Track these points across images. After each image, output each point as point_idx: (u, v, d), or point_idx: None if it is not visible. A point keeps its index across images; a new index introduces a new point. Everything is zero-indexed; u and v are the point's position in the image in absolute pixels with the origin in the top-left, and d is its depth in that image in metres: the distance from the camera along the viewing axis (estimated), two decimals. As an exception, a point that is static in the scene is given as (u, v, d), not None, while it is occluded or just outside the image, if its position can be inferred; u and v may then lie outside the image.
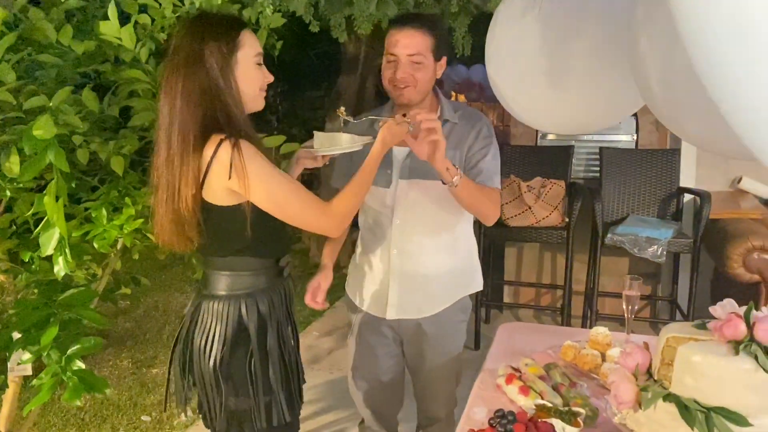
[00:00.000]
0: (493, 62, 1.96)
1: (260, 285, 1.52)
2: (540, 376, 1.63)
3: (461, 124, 1.87)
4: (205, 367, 1.49)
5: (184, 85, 1.39)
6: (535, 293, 4.39)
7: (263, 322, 1.50)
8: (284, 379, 1.53)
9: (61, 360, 1.71)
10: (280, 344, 1.53)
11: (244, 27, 1.47)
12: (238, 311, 1.49)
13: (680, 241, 3.41)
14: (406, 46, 1.75)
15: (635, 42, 1.30)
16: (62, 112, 1.53)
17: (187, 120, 1.38)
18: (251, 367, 1.48)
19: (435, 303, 1.94)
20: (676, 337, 1.28)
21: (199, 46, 1.40)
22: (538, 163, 4.01)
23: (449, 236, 1.94)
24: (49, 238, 1.55)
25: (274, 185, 1.41)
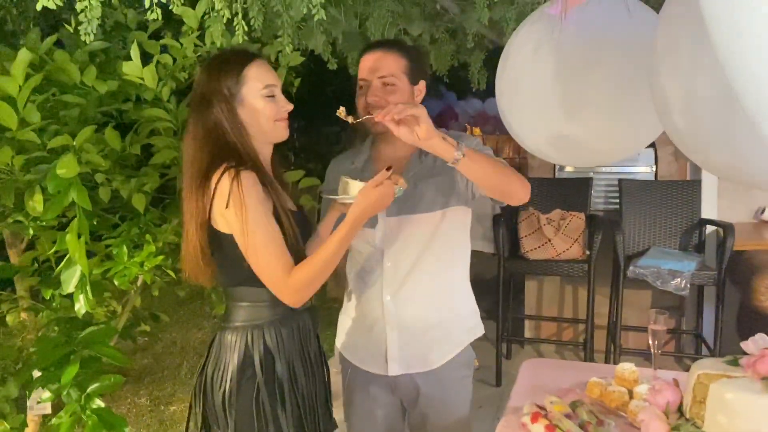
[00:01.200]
0: (504, 95, 1.93)
1: (267, 317, 1.48)
2: (566, 414, 1.58)
3: None
4: (216, 399, 1.47)
5: (194, 127, 1.44)
6: (557, 327, 4.33)
7: (270, 355, 1.46)
8: (296, 416, 1.47)
9: (80, 399, 1.70)
10: (291, 378, 1.47)
11: (250, 61, 1.46)
12: (245, 343, 1.46)
13: (704, 273, 3.35)
14: (376, 68, 1.65)
15: (656, 72, 1.30)
16: (85, 150, 1.55)
17: (195, 159, 1.43)
18: (260, 403, 1.44)
19: (442, 351, 1.78)
20: (708, 374, 1.24)
21: (205, 88, 1.45)
22: (557, 195, 3.99)
23: (447, 276, 1.78)
24: (70, 275, 1.56)
25: (253, 228, 1.37)
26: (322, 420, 1.55)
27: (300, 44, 2.20)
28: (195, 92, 1.47)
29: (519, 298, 4.29)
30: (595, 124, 1.66)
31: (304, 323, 1.55)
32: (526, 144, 1.93)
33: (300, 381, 1.50)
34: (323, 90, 6.83)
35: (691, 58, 1.19)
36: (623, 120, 1.65)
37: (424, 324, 1.75)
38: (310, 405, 1.53)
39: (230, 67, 1.44)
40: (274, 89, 1.48)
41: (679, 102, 1.24)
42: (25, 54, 1.51)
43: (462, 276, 1.85)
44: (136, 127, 1.81)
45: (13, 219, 1.81)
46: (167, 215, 1.95)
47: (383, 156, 1.78)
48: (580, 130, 1.68)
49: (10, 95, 1.52)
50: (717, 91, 1.16)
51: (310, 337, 1.57)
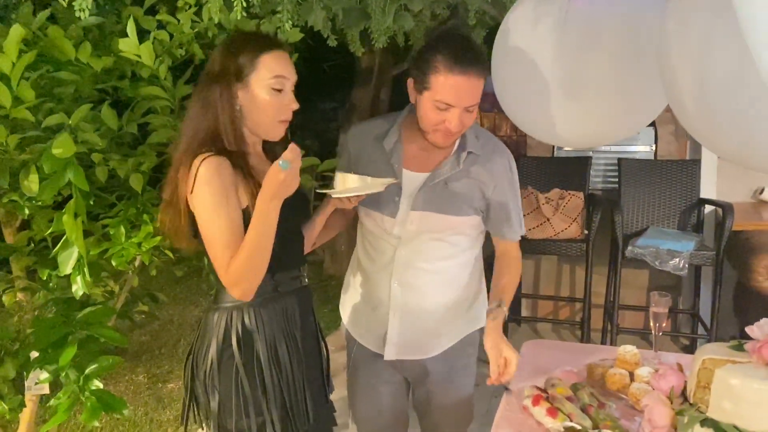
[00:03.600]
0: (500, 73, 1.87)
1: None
2: (567, 397, 1.58)
3: (483, 156, 1.68)
4: (199, 377, 1.47)
5: (194, 99, 1.43)
6: (554, 306, 4.34)
7: (249, 335, 1.44)
8: (279, 397, 1.45)
9: (78, 379, 1.69)
10: (271, 358, 1.45)
11: (270, 49, 1.42)
12: (225, 322, 1.45)
13: (702, 253, 3.35)
14: (467, 98, 1.51)
15: (666, 53, 1.27)
16: (81, 129, 1.52)
17: (186, 133, 1.41)
18: (239, 384, 1.43)
19: (440, 342, 1.78)
20: (713, 359, 1.23)
21: (216, 64, 1.41)
22: (556, 174, 3.97)
23: (457, 270, 1.77)
24: (67, 257, 1.54)
25: (207, 219, 1.34)
26: (312, 404, 1.53)
27: (299, 20, 2.15)
28: (207, 67, 1.44)
29: (516, 277, 4.29)
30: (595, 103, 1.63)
31: (289, 306, 1.51)
32: (522, 123, 1.89)
33: (284, 364, 1.47)
34: (321, 66, 6.76)
35: (704, 39, 1.16)
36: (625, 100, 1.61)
37: (427, 315, 1.73)
38: (297, 388, 1.50)
39: (247, 49, 1.40)
40: (284, 82, 1.43)
41: (689, 84, 1.22)
42: (18, 30, 1.47)
43: (474, 272, 1.83)
44: (132, 105, 1.77)
45: (8, 199, 1.78)
46: (165, 195, 1.92)
47: (417, 143, 1.68)
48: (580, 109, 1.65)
49: (3, 72, 1.48)
50: (730, 73, 1.13)
51: (296, 320, 1.53)
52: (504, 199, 1.72)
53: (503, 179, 1.72)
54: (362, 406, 1.88)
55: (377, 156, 1.70)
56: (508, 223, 1.75)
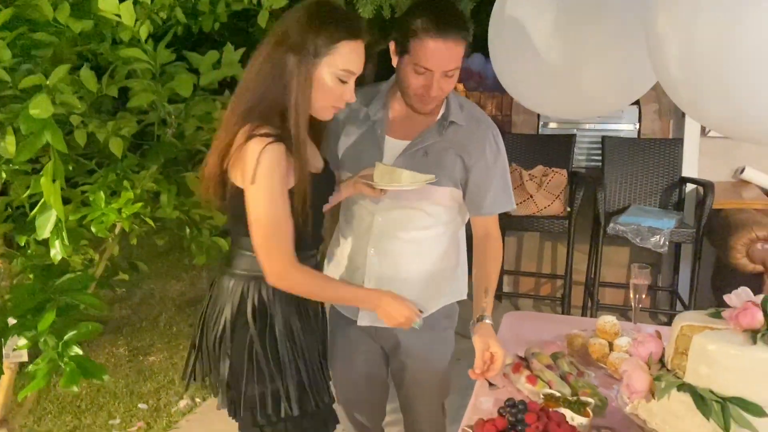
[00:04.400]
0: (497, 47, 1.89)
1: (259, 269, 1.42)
2: (547, 366, 1.60)
3: (467, 128, 1.68)
4: (208, 340, 1.47)
5: (263, 62, 1.36)
6: (535, 283, 4.37)
7: (265, 307, 1.44)
8: (294, 369, 1.45)
9: (57, 346, 1.67)
10: (288, 332, 1.45)
11: (353, 38, 1.37)
12: (240, 291, 1.44)
13: (682, 231, 3.38)
14: (446, 62, 1.52)
15: (653, 21, 1.26)
16: (59, 91, 1.48)
17: (247, 96, 1.37)
18: (252, 353, 1.43)
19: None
20: (691, 326, 1.25)
21: (296, 30, 1.34)
22: (540, 151, 3.98)
23: (434, 241, 1.76)
24: (45, 220, 1.51)
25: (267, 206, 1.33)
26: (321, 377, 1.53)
27: (283, -13, 2.11)
28: (283, 26, 1.37)
29: (499, 253, 4.31)
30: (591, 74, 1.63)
31: None
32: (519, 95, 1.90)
33: (299, 340, 1.47)
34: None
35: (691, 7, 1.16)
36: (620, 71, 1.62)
37: (401, 284, 1.67)
38: (314, 363, 1.50)
39: (331, 29, 1.35)
40: (350, 77, 1.40)
41: (675, 52, 1.22)
42: (-7, -13, 1.43)
43: (455, 240, 1.82)
44: (112, 68, 1.73)
45: (-16, 162, 1.74)
46: (145, 162, 1.89)
47: (401, 111, 1.70)
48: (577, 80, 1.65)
49: (-23, 31, 1.44)
50: (715, 40, 1.13)
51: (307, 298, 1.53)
52: (485, 173, 1.70)
53: (486, 151, 1.70)
54: (340, 373, 1.88)
55: (362, 123, 1.72)
56: (488, 198, 1.72)
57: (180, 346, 3.84)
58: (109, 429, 2.90)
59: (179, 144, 1.93)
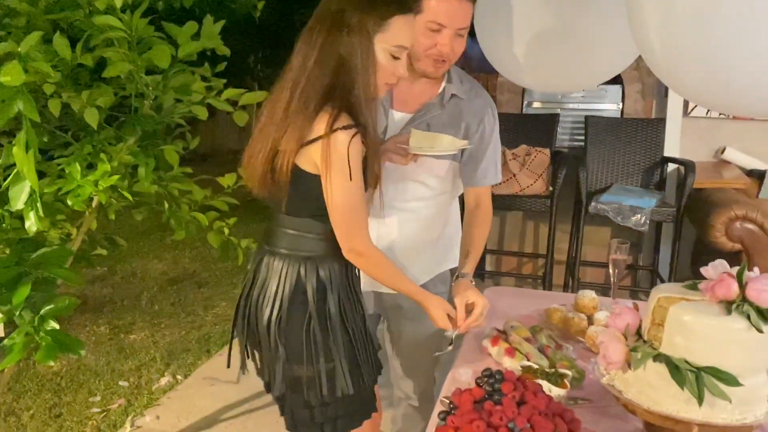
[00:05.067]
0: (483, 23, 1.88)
1: (321, 251, 1.45)
2: (526, 339, 1.60)
3: (466, 101, 1.72)
4: (261, 325, 1.46)
5: (322, 46, 1.33)
6: (517, 262, 4.39)
7: (323, 287, 1.44)
8: (348, 348, 1.46)
9: (33, 320, 1.65)
10: (342, 312, 1.46)
11: (405, 11, 1.35)
12: (297, 272, 1.44)
13: (663, 210, 3.41)
14: (459, 18, 1.56)
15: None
16: (32, 59, 1.45)
17: (314, 83, 1.34)
18: (310, 333, 1.43)
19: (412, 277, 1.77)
20: (668, 297, 1.25)
21: (350, 12, 1.32)
22: (524, 131, 3.97)
23: (431, 211, 1.81)
24: (19, 191, 1.48)
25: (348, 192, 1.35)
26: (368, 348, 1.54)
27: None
28: (327, 11, 1.36)
29: (481, 232, 4.32)
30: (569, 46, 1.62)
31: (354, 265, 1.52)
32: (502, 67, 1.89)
33: (349, 315, 1.48)
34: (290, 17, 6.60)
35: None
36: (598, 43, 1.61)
37: (400, 251, 1.75)
38: (362, 333, 1.51)
39: (383, 6, 1.33)
40: (402, 52, 1.38)
41: (656, 22, 1.21)
42: (-38, -49, 1.39)
43: (448, 215, 1.89)
44: (85, 36, 1.69)
45: (-44, 132, 1.71)
46: (122, 134, 1.86)
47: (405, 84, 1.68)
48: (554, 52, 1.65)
49: (-53, -4, 1.40)
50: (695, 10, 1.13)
51: (356, 275, 1.55)
52: (480, 146, 1.75)
53: (484, 124, 1.75)
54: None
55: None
56: (483, 169, 1.77)
57: (162, 324, 3.82)
58: (89, 406, 2.89)
59: (157, 116, 1.91)
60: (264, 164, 1.41)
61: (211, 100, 1.92)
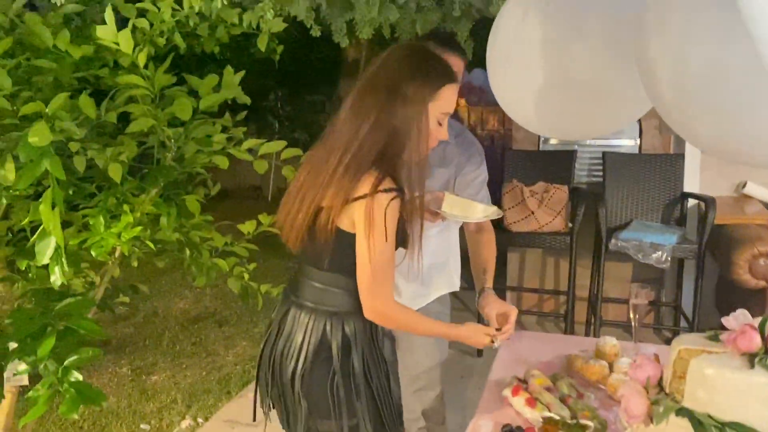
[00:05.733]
0: (494, 67, 1.92)
1: (348, 306, 1.48)
2: (547, 388, 1.59)
3: (454, 145, 1.94)
4: (285, 377, 1.48)
5: (378, 115, 1.38)
6: (538, 299, 4.36)
7: (347, 343, 1.47)
8: (371, 405, 1.48)
9: (57, 371, 1.67)
10: (365, 369, 1.48)
11: (452, 81, 1.44)
12: (323, 327, 1.47)
13: (685, 246, 3.37)
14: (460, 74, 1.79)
15: (645, 46, 1.27)
16: (58, 118, 1.50)
17: (367, 151, 1.38)
18: (334, 388, 1.45)
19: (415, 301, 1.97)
20: (688, 350, 1.24)
21: (406, 84, 1.39)
22: (541, 167, 3.98)
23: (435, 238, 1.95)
24: (45, 246, 1.52)
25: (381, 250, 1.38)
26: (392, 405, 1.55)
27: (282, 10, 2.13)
28: (382, 78, 1.41)
29: (501, 269, 4.29)
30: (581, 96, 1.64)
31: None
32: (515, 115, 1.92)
33: (373, 372, 1.50)
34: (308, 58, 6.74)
35: (683, 31, 1.17)
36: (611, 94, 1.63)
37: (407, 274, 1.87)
38: (386, 396, 1.53)
39: (435, 76, 1.41)
40: (446, 119, 1.47)
41: (667, 75, 1.22)
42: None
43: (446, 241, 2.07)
44: (111, 94, 1.75)
45: (-15, 188, 1.76)
46: (145, 185, 1.90)
47: None
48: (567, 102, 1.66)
49: (-21, 59, 1.46)
50: (707, 63, 1.14)
51: (378, 330, 1.57)
52: (472, 183, 1.98)
53: (473, 163, 1.99)
54: None
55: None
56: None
57: (183, 364, 3.83)
58: (111, 450, 2.89)
59: (179, 167, 1.95)
60: (304, 222, 1.44)
61: (231, 150, 1.96)
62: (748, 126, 1.15)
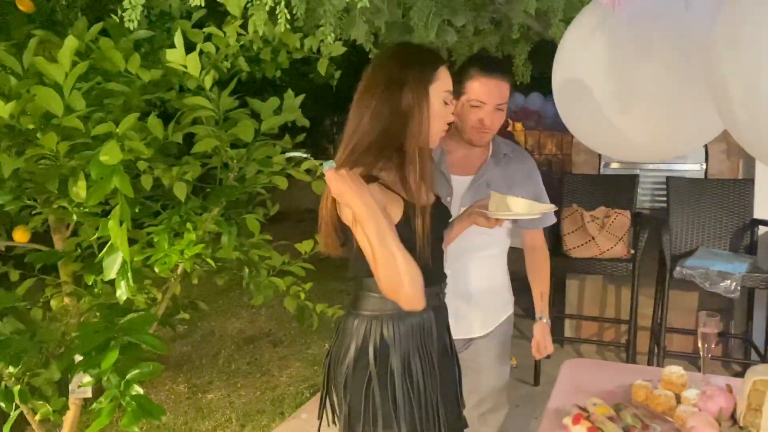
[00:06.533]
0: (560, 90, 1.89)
1: (386, 309, 1.47)
2: (609, 417, 1.53)
3: (513, 158, 2.05)
4: (337, 380, 1.52)
5: (376, 105, 1.43)
6: (598, 327, 4.23)
7: (385, 347, 1.46)
8: (409, 413, 1.45)
9: (120, 384, 1.72)
10: (405, 375, 1.46)
11: (443, 62, 1.51)
12: (364, 330, 1.48)
13: (755, 275, 3.22)
14: (496, 96, 1.89)
15: (716, 64, 1.23)
16: (128, 138, 1.56)
17: (365, 136, 1.43)
18: (370, 394, 1.45)
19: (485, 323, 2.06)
20: (764, 381, 1.18)
21: (400, 71, 1.44)
22: (602, 192, 3.89)
23: (495, 259, 2.07)
24: (112, 262, 1.57)
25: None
26: (445, 419, 1.52)
27: (341, 34, 2.17)
28: (378, 75, 1.46)
29: (559, 296, 4.20)
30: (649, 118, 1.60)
31: (426, 321, 1.52)
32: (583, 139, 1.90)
33: (416, 378, 1.47)
34: (364, 83, 6.81)
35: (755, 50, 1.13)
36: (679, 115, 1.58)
37: (471, 300, 2.00)
38: (429, 405, 1.49)
39: (427, 60, 1.48)
40: (450, 97, 1.51)
41: (740, 95, 1.18)
42: (72, 41, 1.52)
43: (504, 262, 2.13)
44: (178, 116, 1.81)
45: (58, 205, 1.83)
46: (208, 204, 1.95)
47: (457, 152, 2.02)
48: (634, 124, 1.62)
49: (56, 82, 1.53)
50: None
51: (433, 336, 1.54)
52: (531, 194, 2.00)
53: (530, 175, 2.07)
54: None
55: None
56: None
57: (238, 384, 3.88)
58: (167, 466, 2.93)
59: (240, 187, 1.99)
60: (329, 219, 1.48)
61: (290, 170, 1.99)
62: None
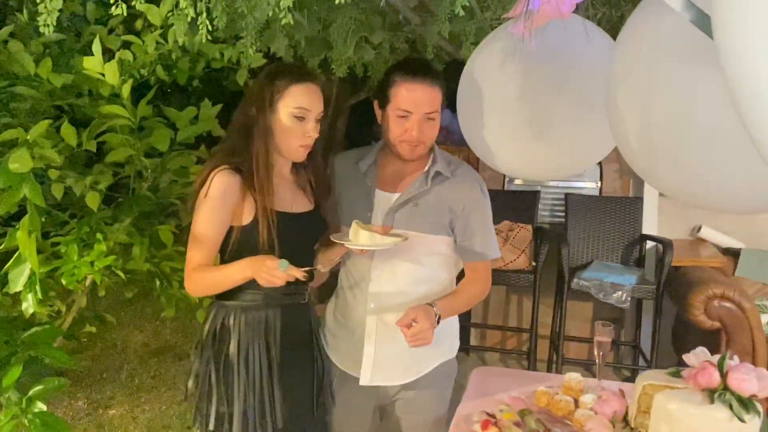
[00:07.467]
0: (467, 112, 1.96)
1: (235, 300, 1.61)
2: (515, 423, 1.62)
3: (452, 179, 1.76)
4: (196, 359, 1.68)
5: (235, 116, 1.62)
6: (501, 336, 4.41)
7: (225, 335, 1.61)
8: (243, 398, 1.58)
9: (21, 401, 1.64)
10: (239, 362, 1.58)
11: (302, 81, 1.59)
12: (212, 316, 1.64)
13: (644, 287, 3.48)
14: (424, 104, 1.65)
15: (613, 95, 1.35)
16: (39, 145, 1.50)
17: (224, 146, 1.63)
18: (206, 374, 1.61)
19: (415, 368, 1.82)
20: (653, 385, 1.30)
21: (256, 88, 1.60)
22: (506, 207, 4.06)
23: (432, 295, 1.75)
24: (19, 274, 1.51)
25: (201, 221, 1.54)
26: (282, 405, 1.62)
27: (262, 46, 2.18)
28: (250, 87, 1.65)
29: (466, 306, 4.33)
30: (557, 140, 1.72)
31: (271, 317, 1.64)
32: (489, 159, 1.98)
33: (253, 367, 1.60)
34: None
35: (647, 83, 1.25)
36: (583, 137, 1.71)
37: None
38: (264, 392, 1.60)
39: (281, 78, 1.58)
40: (306, 113, 1.59)
41: (634, 124, 1.30)
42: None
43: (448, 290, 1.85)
44: (92, 124, 1.76)
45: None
46: (119, 214, 1.90)
47: (390, 166, 1.80)
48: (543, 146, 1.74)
49: (-41, 85, 1.46)
50: (671, 114, 1.22)
51: (276, 331, 1.64)
52: (471, 221, 1.78)
53: (472, 201, 1.79)
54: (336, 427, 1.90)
55: (355, 177, 1.80)
56: (475, 245, 1.80)
57: (142, 398, 3.74)
58: (65, 487, 2.79)
59: (153, 197, 1.96)
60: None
61: (207, 181, 1.98)
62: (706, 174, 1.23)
